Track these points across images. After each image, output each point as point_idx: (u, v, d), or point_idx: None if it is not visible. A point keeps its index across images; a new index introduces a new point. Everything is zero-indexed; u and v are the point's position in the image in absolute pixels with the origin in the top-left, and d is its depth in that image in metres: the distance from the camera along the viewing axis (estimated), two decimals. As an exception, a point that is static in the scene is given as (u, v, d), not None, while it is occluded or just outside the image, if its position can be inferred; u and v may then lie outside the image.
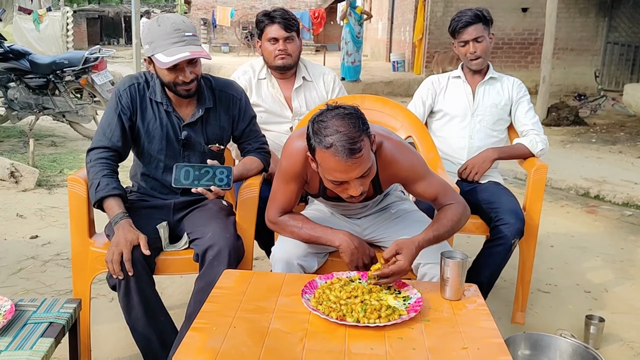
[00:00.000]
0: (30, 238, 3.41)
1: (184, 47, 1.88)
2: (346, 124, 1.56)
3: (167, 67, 1.88)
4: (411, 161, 1.82)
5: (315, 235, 1.84)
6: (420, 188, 1.83)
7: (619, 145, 6.52)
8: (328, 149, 1.55)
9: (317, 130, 1.59)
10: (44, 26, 14.10)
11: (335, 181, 1.63)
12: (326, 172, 1.63)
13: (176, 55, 1.86)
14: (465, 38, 2.53)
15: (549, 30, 7.52)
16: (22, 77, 5.87)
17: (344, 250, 1.80)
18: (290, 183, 1.87)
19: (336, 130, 1.55)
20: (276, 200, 1.91)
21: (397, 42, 14.63)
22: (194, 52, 1.88)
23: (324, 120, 1.59)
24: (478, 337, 1.42)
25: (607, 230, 3.93)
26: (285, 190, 1.89)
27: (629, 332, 2.53)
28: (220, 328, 1.43)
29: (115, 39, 23.50)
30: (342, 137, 1.54)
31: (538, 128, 2.63)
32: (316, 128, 1.59)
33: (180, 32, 1.88)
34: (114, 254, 1.81)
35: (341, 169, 1.58)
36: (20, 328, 1.57)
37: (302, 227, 1.86)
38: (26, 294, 2.70)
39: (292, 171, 1.84)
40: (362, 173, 1.61)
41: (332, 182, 1.65)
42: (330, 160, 1.57)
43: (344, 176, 1.60)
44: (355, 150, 1.54)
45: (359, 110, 1.63)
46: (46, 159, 5.28)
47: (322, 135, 1.57)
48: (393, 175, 1.83)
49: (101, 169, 1.95)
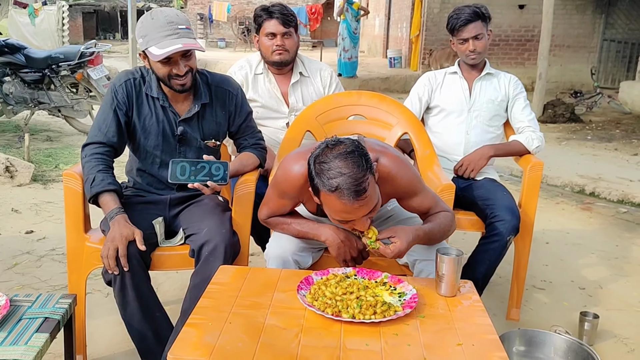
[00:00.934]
0: (25, 233, 3.40)
1: (177, 40, 1.87)
2: (350, 165, 1.50)
3: (160, 60, 1.87)
4: (409, 177, 1.78)
5: (303, 230, 1.84)
6: (416, 202, 1.82)
7: (615, 142, 6.54)
8: (333, 192, 1.51)
9: (320, 172, 1.53)
10: (39, 20, 14.03)
11: (342, 220, 1.62)
12: (332, 212, 1.60)
13: (169, 47, 1.85)
14: (464, 36, 2.53)
15: (546, 27, 7.53)
16: (18, 72, 5.83)
17: (330, 244, 1.80)
18: (284, 199, 1.86)
19: (340, 172, 1.50)
20: (269, 207, 1.91)
21: (394, 38, 14.62)
22: (187, 44, 1.88)
23: (326, 161, 1.53)
24: (473, 333, 1.43)
25: (602, 227, 3.95)
26: (277, 203, 1.88)
27: (623, 329, 2.54)
28: (216, 323, 1.43)
29: (112, 33, 23.41)
30: (347, 180, 1.49)
31: (534, 125, 2.63)
32: (318, 169, 1.54)
33: (173, 25, 1.88)
34: (110, 250, 1.80)
35: (347, 211, 1.55)
36: (15, 323, 1.57)
37: (290, 223, 1.86)
38: (21, 289, 2.70)
39: (288, 193, 1.82)
40: (368, 211, 1.59)
41: (338, 221, 1.63)
42: (336, 203, 1.53)
43: (351, 216, 1.58)
44: (360, 192, 1.50)
45: (360, 144, 1.57)
46: (41, 153, 5.26)
47: (325, 178, 1.51)
48: (391, 192, 1.79)
49: (96, 164, 1.94)
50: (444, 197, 2.12)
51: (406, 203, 1.84)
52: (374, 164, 1.59)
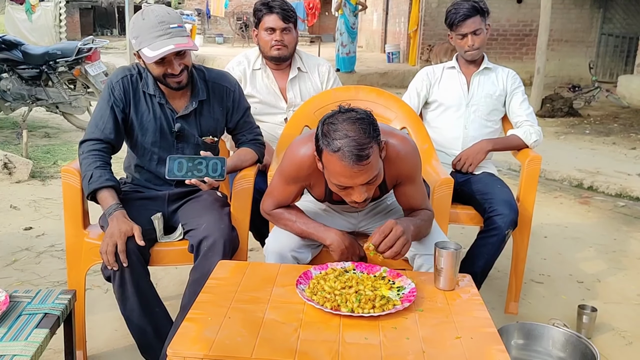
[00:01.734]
0: (24, 229, 3.40)
1: (169, 40, 1.86)
2: (356, 129, 1.53)
3: (154, 61, 1.87)
4: (414, 161, 1.80)
5: (308, 230, 1.84)
6: (410, 191, 1.83)
7: (613, 136, 6.54)
8: (335, 152, 1.53)
9: (327, 133, 1.56)
10: (36, 16, 13.97)
11: (340, 185, 1.62)
12: (331, 176, 1.61)
13: (161, 49, 1.85)
14: (463, 31, 2.53)
15: (544, 21, 7.52)
16: (15, 68, 5.81)
17: (334, 249, 1.80)
18: (291, 185, 1.86)
19: (345, 134, 1.52)
20: (273, 196, 1.90)
21: (392, 33, 14.59)
22: (179, 44, 1.86)
23: (335, 122, 1.55)
24: (471, 326, 1.43)
25: (600, 221, 3.96)
26: (283, 190, 1.87)
27: (621, 322, 2.55)
28: (215, 318, 1.43)
29: (109, 29, 23.29)
30: (351, 143, 1.51)
31: (532, 119, 2.63)
32: (326, 130, 1.56)
33: (164, 24, 1.87)
34: (109, 245, 1.81)
35: (347, 175, 1.56)
36: (15, 319, 1.57)
37: (295, 221, 1.85)
38: (21, 285, 2.70)
39: (294, 176, 1.82)
40: (367, 180, 1.59)
41: (337, 186, 1.64)
42: (337, 164, 1.55)
43: (349, 182, 1.58)
44: (362, 157, 1.52)
45: (371, 115, 1.60)
46: (40, 150, 5.25)
47: (330, 138, 1.54)
48: (397, 173, 1.80)
49: (94, 161, 1.94)
50: (442, 192, 2.13)
51: (402, 190, 1.85)
52: (382, 140, 1.61)
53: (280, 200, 1.89)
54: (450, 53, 10.14)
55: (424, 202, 1.87)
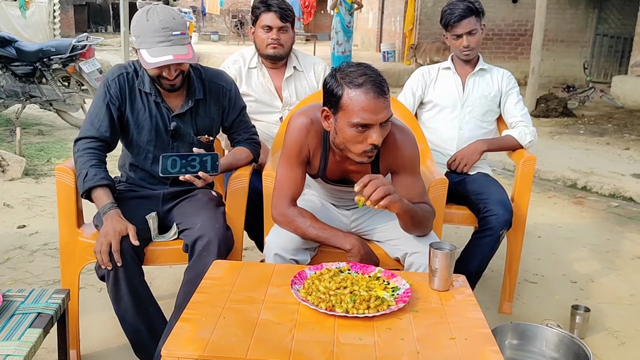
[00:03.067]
0: (17, 228, 3.38)
1: (169, 48, 1.86)
2: (372, 70, 1.66)
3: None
4: (411, 151, 1.85)
5: (324, 236, 1.81)
6: (408, 181, 1.85)
7: (607, 136, 6.57)
8: (359, 87, 1.62)
9: (345, 75, 1.65)
10: (30, 13, 13.89)
11: (361, 124, 1.64)
12: (354, 114, 1.64)
13: (159, 57, 1.85)
14: (458, 31, 2.53)
15: (539, 21, 7.54)
16: (8, 65, 5.77)
17: (354, 255, 1.78)
18: (295, 165, 1.86)
19: (365, 72, 1.64)
20: (283, 189, 1.87)
21: (388, 32, 14.60)
22: (178, 55, 1.86)
23: (351, 67, 1.67)
24: (465, 327, 1.44)
25: (594, 221, 3.97)
26: (290, 175, 1.87)
27: (614, 322, 2.56)
28: (209, 318, 1.43)
29: (103, 26, 23.18)
30: (373, 77, 1.63)
31: (527, 120, 2.64)
32: (342, 75, 1.66)
33: (167, 30, 1.86)
34: (103, 245, 1.80)
35: (371, 109, 1.62)
36: (8, 319, 1.57)
37: (310, 225, 1.81)
38: (14, 283, 2.69)
39: (297, 148, 1.84)
40: (387, 117, 1.66)
41: (355, 127, 1.65)
42: (362, 98, 1.62)
43: (371, 117, 1.63)
44: (385, 90, 1.64)
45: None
46: (33, 147, 5.23)
47: (352, 76, 1.63)
48: (392, 161, 1.85)
49: (89, 159, 1.93)
50: (437, 192, 2.13)
51: (400, 180, 1.86)
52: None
53: (292, 189, 1.87)
54: (442, 52, 10.12)
55: (423, 196, 1.88)
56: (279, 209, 1.87)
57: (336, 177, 1.93)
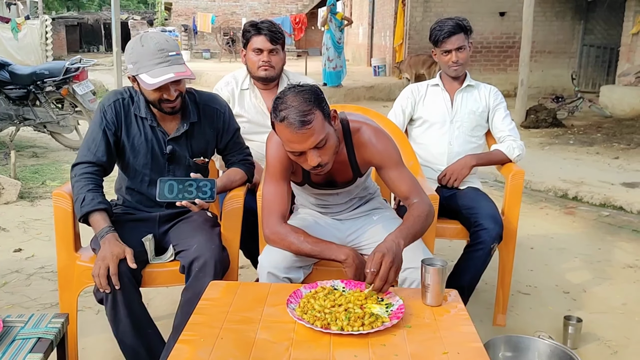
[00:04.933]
0: (13, 251, 3.40)
1: (169, 68, 1.91)
2: (299, 99, 1.69)
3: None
4: (386, 146, 1.93)
5: (317, 249, 1.82)
6: (393, 175, 1.92)
7: (596, 146, 6.66)
8: (282, 122, 1.69)
9: (275, 107, 1.72)
10: (22, 35, 13.95)
11: (294, 152, 1.75)
12: (285, 144, 1.76)
13: (161, 77, 1.89)
14: (448, 47, 2.60)
15: (526, 33, 7.66)
16: (2, 88, 5.81)
17: (349, 265, 1.78)
18: (279, 180, 1.91)
19: (290, 104, 1.69)
20: (272, 207, 1.90)
21: (378, 46, 14.75)
22: (178, 72, 1.92)
23: (281, 97, 1.73)
24: (458, 341, 1.47)
25: (585, 231, 4.03)
26: (276, 192, 1.90)
27: (607, 331, 2.60)
28: (207, 339, 1.45)
29: (95, 46, 23.31)
30: (293, 111, 1.67)
31: (515, 134, 2.70)
32: (274, 104, 1.73)
33: (164, 52, 1.91)
34: (101, 268, 1.83)
35: (295, 140, 1.70)
36: (9, 344, 1.59)
37: (303, 241, 1.83)
38: (12, 308, 2.70)
39: (278, 163, 1.90)
40: (315, 143, 1.71)
41: (292, 154, 1.76)
42: (285, 132, 1.70)
43: (298, 147, 1.72)
44: (305, 122, 1.67)
45: (316, 87, 1.77)
46: (28, 170, 5.25)
47: (277, 110, 1.70)
48: (368, 158, 1.94)
49: (86, 184, 1.97)
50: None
51: (384, 174, 1.94)
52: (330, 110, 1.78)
53: (279, 205, 1.90)
54: (428, 65, 10.12)
55: (415, 188, 1.91)
56: (270, 227, 1.88)
57: (321, 180, 2.02)
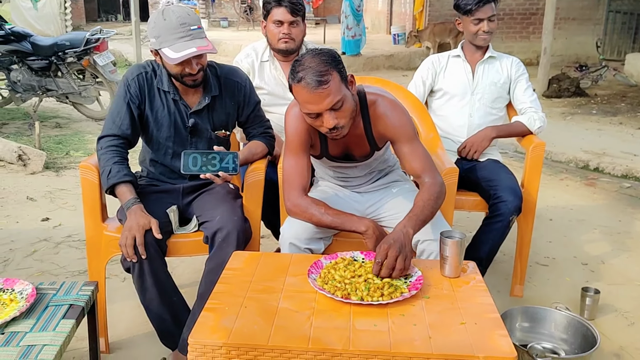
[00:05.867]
0: (41, 220, 3.50)
1: (191, 42, 1.93)
2: (316, 60, 1.71)
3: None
4: (401, 120, 1.92)
5: (338, 221, 1.85)
6: (406, 150, 1.92)
7: (620, 116, 6.54)
8: (299, 82, 1.71)
9: (292, 69, 1.74)
10: (41, 4, 13.99)
11: (310, 114, 1.76)
12: (301, 106, 1.77)
13: (184, 51, 1.91)
14: (480, 16, 2.57)
15: (550, 0, 7.47)
16: (24, 59, 5.87)
17: (370, 236, 1.81)
18: (300, 154, 1.93)
19: (307, 66, 1.71)
20: (293, 180, 1.92)
21: (398, 14, 14.48)
22: (201, 47, 1.94)
23: (299, 59, 1.74)
24: (475, 312, 1.50)
25: (606, 202, 4.00)
26: (297, 165, 1.92)
27: (624, 303, 2.62)
28: (232, 308, 1.51)
29: (113, 14, 23.21)
30: (311, 71, 1.69)
31: (536, 106, 2.68)
32: (292, 68, 1.74)
33: (185, 26, 1.93)
34: (128, 239, 1.89)
35: (311, 100, 1.72)
36: (42, 310, 1.66)
37: (324, 213, 1.85)
38: (41, 275, 2.80)
39: (297, 136, 1.92)
40: (332, 104, 1.72)
41: (308, 116, 1.78)
42: (302, 92, 1.72)
43: (315, 107, 1.73)
44: (322, 82, 1.69)
45: (334, 51, 1.79)
46: (52, 140, 5.34)
47: (295, 72, 1.72)
48: (383, 131, 1.94)
49: (112, 157, 2.02)
50: (447, 180, 2.17)
51: (398, 148, 1.95)
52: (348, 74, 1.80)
53: (301, 178, 1.92)
54: (455, 35, 9.94)
55: (427, 166, 1.90)
56: (292, 200, 1.90)
57: (338, 153, 2.03)
